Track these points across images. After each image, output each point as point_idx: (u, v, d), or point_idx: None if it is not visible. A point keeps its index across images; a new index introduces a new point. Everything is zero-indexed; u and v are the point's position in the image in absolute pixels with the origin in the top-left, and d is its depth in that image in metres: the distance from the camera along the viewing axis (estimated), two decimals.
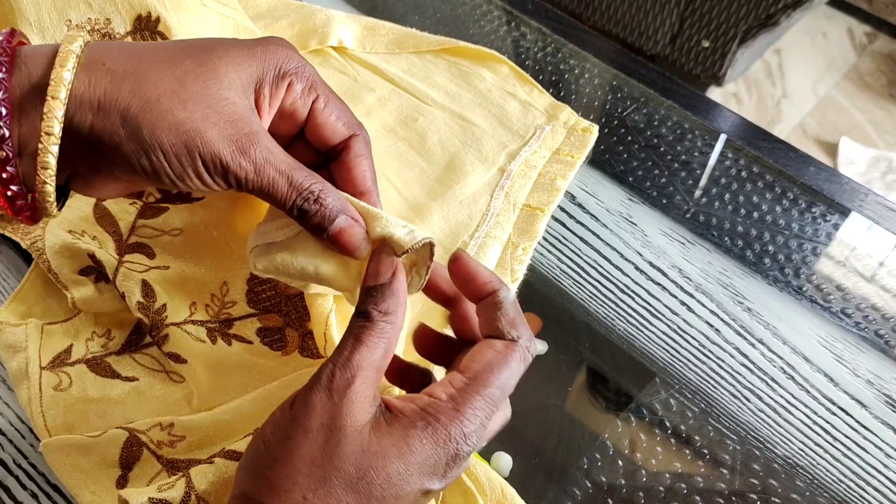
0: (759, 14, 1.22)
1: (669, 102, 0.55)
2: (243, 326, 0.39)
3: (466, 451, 0.28)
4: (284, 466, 0.26)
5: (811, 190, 0.50)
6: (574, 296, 0.44)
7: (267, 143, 0.29)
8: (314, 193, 0.30)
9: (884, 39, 1.84)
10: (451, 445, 0.27)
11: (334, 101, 0.33)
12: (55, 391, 0.38)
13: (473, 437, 0.28)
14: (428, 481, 0.27)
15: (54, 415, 0.37)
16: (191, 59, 0.29)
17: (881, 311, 0.44)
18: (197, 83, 0.28)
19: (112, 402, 0.38)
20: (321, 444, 0.26)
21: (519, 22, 0.61)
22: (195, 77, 0.28)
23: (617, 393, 0.41)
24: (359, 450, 0.26)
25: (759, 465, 0.38)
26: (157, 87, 0.27)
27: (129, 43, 0.31)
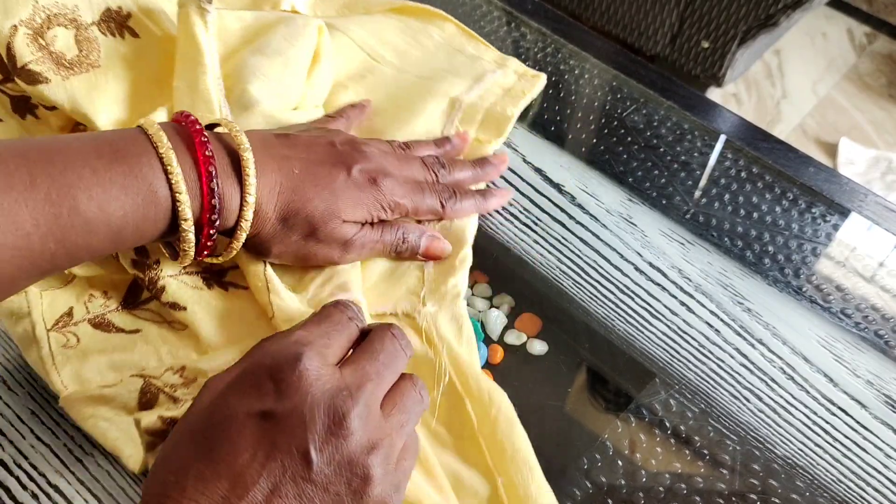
0: (758, 14, 1.22)
1: (669, 103, 0.55)
2: (237, 274, 0.41)
3: (290, 360, 0.29)
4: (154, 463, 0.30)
5: (811, 190, 0.50)
6: (574, 296, 0.44)
7: (361, 240, 0.40)
8: (400, 239, 0.42)
9: (883, 40, 1.84)
10: (267, 364, 0.29)
11: (421, 210, 0.43)
12: (65, 349, 0.38)
13: (296, 350, 0.30)
14: (255, 405, 0.28)
15: (68, 371, 0.38)
16: (321, 200, 0.39)
17: (881, 312, 0.44)
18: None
19: (121, 353, 0.39)
20: (177, 425, 0.30)
21: (519, 22, 0.61)
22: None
23: (617, 393, 0.41)
24: (193, 409, 0.30)
25: (759, 465, 0.38)
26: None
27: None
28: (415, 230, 0.42)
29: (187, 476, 0.27)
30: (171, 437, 0.30)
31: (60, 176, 0.31)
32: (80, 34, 0.42)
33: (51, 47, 0.41)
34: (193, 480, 0.27)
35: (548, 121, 0.54)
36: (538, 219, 0.48)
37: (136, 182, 0.33)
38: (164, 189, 0.34)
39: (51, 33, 0.41)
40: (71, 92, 0.42)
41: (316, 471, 0.27)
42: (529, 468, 0.35)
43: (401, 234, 0.42)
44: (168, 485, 0.27)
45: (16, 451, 0.37)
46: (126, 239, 0.34)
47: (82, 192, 0.32)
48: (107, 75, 0.43)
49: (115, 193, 0.33)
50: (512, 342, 0.42)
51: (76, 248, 0.33)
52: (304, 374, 0.29)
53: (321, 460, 0.28)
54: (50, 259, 0.32)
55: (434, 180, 0.44)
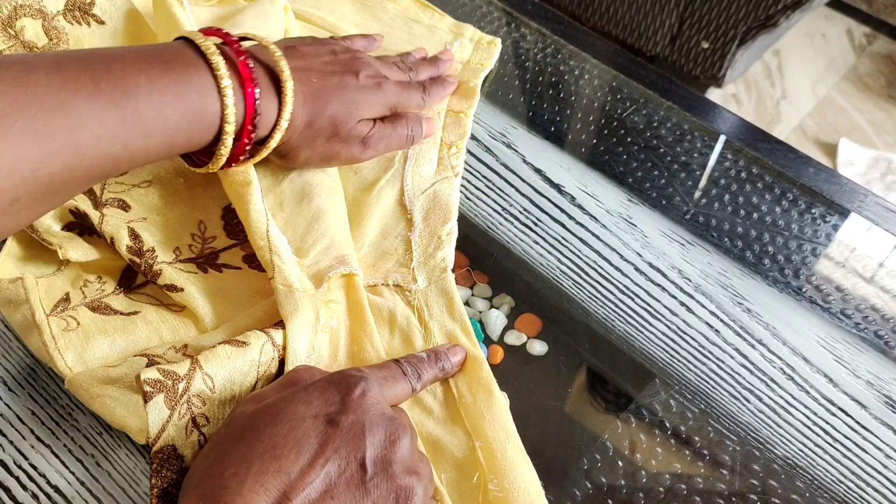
0: (758, 15, 1.22)
1: (669, 103, 0.55)
2: (229, 256, 0.43)
3: (355, 380, 0.32)
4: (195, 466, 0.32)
5: (810, 191, 0.50)
6: (574, 297, 0.44)
7: (377, 135, 0.45)
8: (409, 129, 0.47)
9: (883, 40, 1.84)
10: (336, 381, 0.32)
11: None
12: (66, 332, 0.39)
13: (361, 374, 0.33)
14: (321, 411, 0.31)
15: (72, 355, 0.38)
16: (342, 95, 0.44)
17: (881, 312, 0.44)
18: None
19: (122, 335, 0.39)
20: (219, 433, 0.32)
21: (519, 23, 0.61)
22: None
23: (617, 394, 0.41)
24: (245, 417, 0.31)
25: (759, 465, 0.38)
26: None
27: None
28: (414, 119, 0.47)
29: (249, 469, 0.28)
30: (221, 434, 0.31)
31: (120, 81, 0.34)
32: (47, 24, 0.43)
33: (21, 37, 0.42)
34: (255, 474, 0.28)
35: (548, 121, 0.54)
36: (538, 219, 0.48)
37: (188, 89, 0.36)
38: (213, 95, 0.36)
39: (19, 24, 0.42)
40: None
41: (369, 478, 0.30)
42: (507, 433, 0.37)
43: (410, 125, 0.47)
44: (226, 477, 0.28)
45: (16, 452, 0.37)
46: (178, 144, 0.37)
47: (142, 96, 0.34)
48: None
49: (170, 99, 0.35)
50: (512, 342, 0.42)
51: (137, 152, 0.35)
52: (367, 393, 0.32)
53: (374, 470, 0.30)
54: (114, 162, 0.34)
55: (410, 79, 0.50)
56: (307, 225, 0.43)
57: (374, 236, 0.45)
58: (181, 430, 0.34)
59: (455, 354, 0.39)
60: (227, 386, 0.35)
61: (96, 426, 0.38)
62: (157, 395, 0.33)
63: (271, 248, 0.40)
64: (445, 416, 0.38)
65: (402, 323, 0.42)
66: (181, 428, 0.34)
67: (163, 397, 0.33)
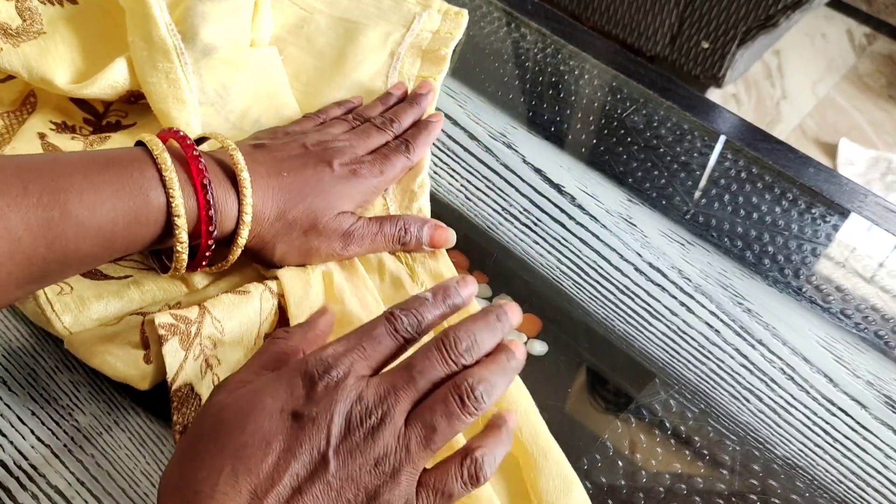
0: (758, 15, 1.22)
1: (669, 103, 0.55)
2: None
3: (319, 368, 0.31)
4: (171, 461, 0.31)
5: (810, 191, 0.50)
6: (574, 297, 0.44)
7: (360, 231, 0.42)
8: (402, 231, 0.43)
9: (883, 41, 1.84)
10: (303, 370, 0.31)
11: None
12: (60, 296, 0.39)
13: (328, 360, 0.31)
14: (287, 405, 0.30)
15: (68, 317, 0.39)
16: (316, 196, 0.41)
17: (881, 312, 0.44)
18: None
19: (116, 298, 0.40)
20: (193, 427, 0.31)
21: (518, 23, 0.61)
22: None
23: (617, 394, 0.41)
24: (215, 409, 0.31)
25: (759, 465, 0.38)
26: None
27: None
28: (416, 221, 0.44)
29: (221, 471, 0.28)
30: (194, 430, 0.31)
31: (52, 182, 0.33)
32: (21, 4, 0.44)
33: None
34: (226, 476, 0.28)
35: (548, 121, 0.54)
36: (538, 219, 0.48)
37: (128, 184, 0.34)
38: (158, 189, 0.35)
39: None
40: (24, 57, 0.43)
41: (332, 473, 0.29)
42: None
43: (401, 225, 0.43)
44: (199, 481, 0.28)
45: (16, 452, 0.37)
46: (117, 243, 0.35)
47: (73, 195, 0.33)
48: (55, 39, 0.45)
49: (106, 196, 0.34)
50: None
51: (67, 254, 0.33)
52: (330, 383, 0.31)
53: (336, 464, 0.29)
54: (41, 265, 0.33)
55: (391, 137, 0.47)
56: None
57: None
58: (196, 370, 0.36)
59: (466, 286, 0.36)
60: (235, 329, 0.37)
61: (96, 426, 0.38)
62: (171, 338, 0.35)
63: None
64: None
65: (391, 267, 0.43)
66: (196, 368, 0.36)
67: (177, 340, 0.35)
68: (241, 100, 0.48)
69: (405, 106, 0.50)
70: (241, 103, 0.48)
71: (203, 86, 0.46)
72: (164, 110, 0.44)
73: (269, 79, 0.50)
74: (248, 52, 0.49)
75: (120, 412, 0.39)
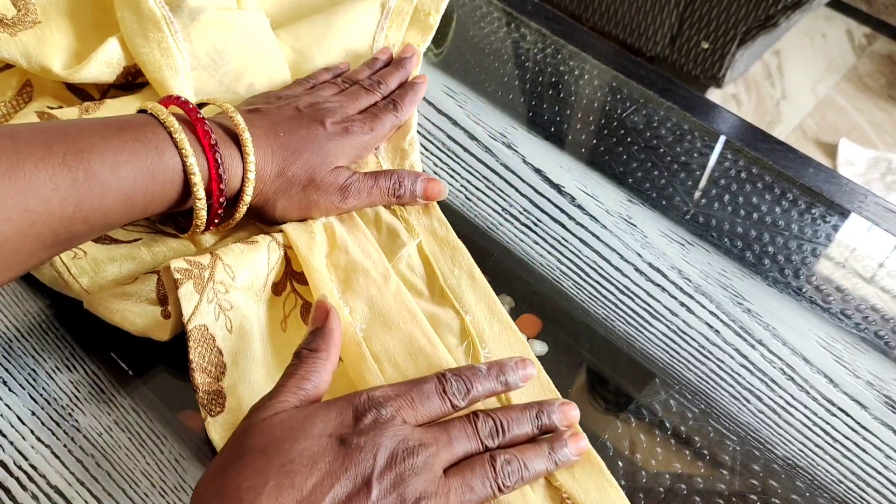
0: (758, 15, 1.22)
1: (669, 104, 0.55)
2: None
3: (369, 404, 0.32)
4: (209, 469, 0.32)
5: (810, 191, 0.50)
6: (574, 297, 0.44)
7: (357, 185, 0.44)
8: (396, 184, 0.45)
9: (883, 41, 1.84)
10: (354, 402, 0.33)
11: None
12: (75, 260, 0.41)
13: (379, 399, 0.33)
14: (335, 430, 0.31)
15: (85, 279, 0.41)
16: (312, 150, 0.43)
17: (881, 313, 0.44)
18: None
19: (129, 260, 0.42)
20: (236, 441, 0.32)
21: (519, 23, 0.61)
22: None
23: (617, 394, 0.41)
24: (264, 427, 0.31)
25: (759, 465, 0.38)
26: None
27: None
28: (409, 176, 0.46)
29: (265, 484, 0.29)
30: (239, 443, 0.31)
31: (74, 143, 0.34)
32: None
33: None
34: (270, 488, 0.29)
35: (548, 121, 0.54)
36: (538, 219, 0.48)
37: (143, 147, 0.36)
38: (171, 150, 0.37)
39: None
40: (23, 46, 0.44)
41: (372, 500, 0.30)
42: (491, 311, 0.42)
43: (395, 178, 0.45)
44: (243, 489, 0.29)
45: (16, 452, 0.37)
46: (137, 203, 0.37)
47: (96, 155, 0.35)
48: (50, 28, 0.46)
49: (125, 157, 0.35)
50: None
51: (92, 213, 0.35)
52: (378, 419, 0.32)
53: (380, 491, 0.30)
54: (68, 225, 0.34)
55: (379, 98, 0.49)
56: None
57: None
58: (210, 312, 0.38)
59: (523, 368, 0.37)
60: (245, 276, 0.39)
61: (96, 426, 0.38)
62: (186, 281, 0.37)
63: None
64: (437, 296, 0.43)
65: (387, 220, 0.45)
66: (210, 311, 0.38)
67: (192, 284, 0.37)
68: (235, 64, 0.49)
69: (391, 69, 0.52)
70: (234, 67, 0.49)
71: (195, 50, 0.47)
72: (160, 79, 0.45)
73: (260, 44, 0.51)
74: (237, 13, 0.50)
75: (120, 412, 0.39)
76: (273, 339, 0.40)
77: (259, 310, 0.40)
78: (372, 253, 0.43)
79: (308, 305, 0.42)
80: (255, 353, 0.39)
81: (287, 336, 0.41)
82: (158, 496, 0.36)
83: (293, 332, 0.41)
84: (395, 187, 0.45)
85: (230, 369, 0.38)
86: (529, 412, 0.36)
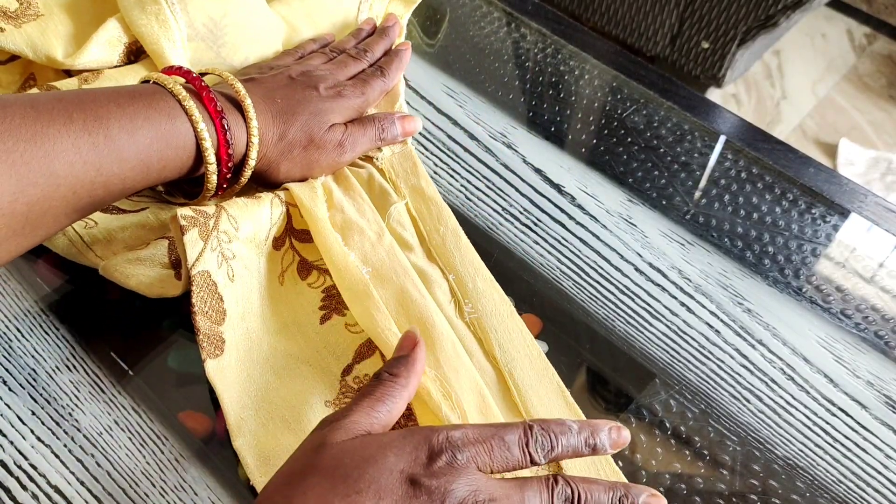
0: (758, 15, 1.22)
1: (669, 104, 0.55)
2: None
3: (446, 445, 0.31)
4: (275, 478, 0.31)
5: (811, 191, 0.50)
6: (574, 297, 0.44)
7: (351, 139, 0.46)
8: (380, 129, 0.48)
9: (883, 41, 1.84)
10: (431, 440, 0.31)
11: None
12: (87, 230, 0.43)
13: (457, 442, 0.32)
14: (407, 467, 0.30)
15: (99, 247, 0.42)
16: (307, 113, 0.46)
17: (881, 312, 0.44)
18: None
19: (137, 228, 0.44)
20: (306, 456, 0.31)
21: (519, 23, 0.61)
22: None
23: (617, 394, 0.41)
24: (336, 450, 0.31)
25: (759, 465, 0.38)
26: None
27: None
28: (386, 118, 0.49)
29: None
30: (307, 461, 0.31)
31: (92, 111, 0.36)
32: None
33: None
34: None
35: (548, 121, 0.54)
36: (538, 219, 0.48)
37: (157, 114, 0.38)
38: (182, 117, 0.39)
39: None
40: (28, 37, 0.46)
41: None
42: (475, 268, 0.44)
43: (378, 124, 0.48)
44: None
45: (16, 452, 0.37)
46: (153, 168, 0.38)
47: (114, 122, 0.36)
48: (53, 21, 0.47)
49: (140, 123, 0.37)
50: None
51: (111, 178, 0.36)
52: (454, 463, 0.31)
53: None
54: (90, 189, 0.36)
55: (367, 65, 0.52)
56: None
57: None
58: (213, 260, 0.39)
59: (617, 433, 0.35)
60: (249, 228, 0.41)
61: (96, 426, 0.38)
62: (191, 228, 0.38)
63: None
64: (425, 255, 0.45)
65: (378, 180, 0.47)
66: (213, 258, 0.39)
67: (196, 231, 0.38)
68: (232, 35, 0.50)
69: (375, 38, 0.55)
70: (231, 38, 0.50)
71: (192, 21, 0.48)
72: (158, 51, 0.46)
73: (256, 14, 0.52)
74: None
75: (120, 412, 0.39)
76: (271, 291, 0.42)
77: (259, 262, 0.42)
78: (367, 212, 0.45)
79: (305, 262, 0.44)
80: (253, 302, 0.41)
81: (284, 289, 0.43)
82: (158, 496, 0.36)
83: (290, 286, 0.43)
84: (379, 132, 0.48)
85: (230, 315, 0.39)
86: (614, 493, 0.33)
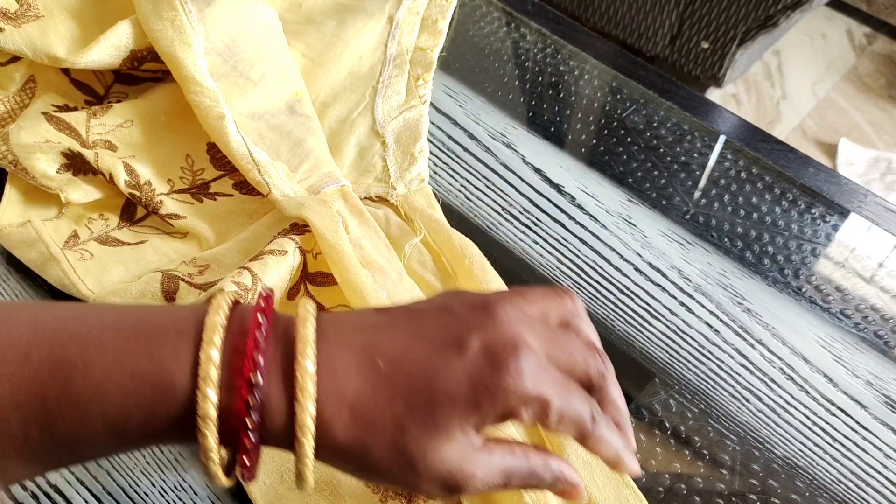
0: (758, 15, 1.22)
1: (669, 104, 0.55)
2: (219, 185, 0.46)
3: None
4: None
5: (810, 191, 0.50)
6: None
7: (480, 477, 0.26)
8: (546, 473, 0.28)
9: (883, 41, 1.85)
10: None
11: (567, 417, 0.27)
12: (82, 262, 0.42)
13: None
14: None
15: (91, 280, 0.41)
16: (414, 415, 0.26)
17: (880, 312, 0.44)
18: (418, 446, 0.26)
19: (135, 262, 0.43)
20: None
21: (518, 23, 0.61)
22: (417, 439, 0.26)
23: None
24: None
25: (759, 465, 0.38)
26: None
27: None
28: (553, 459, 0.28)
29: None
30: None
31: (60, 349, 0.25)
32: None
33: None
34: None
35: (548, 121, 0.54)
36: (538, 219, 0.48)
37: (151, 364, 0.25)
38: (184, 375, 0.25)
39: None
40: (28, 37, 0.45)
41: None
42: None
43: (537, 462, 0.28)
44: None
45: None
46: (131, 435, 0.26)
47: (78, 371, 0.25)
48: (54, 21, 0.46)
49: (119, 377, 0.25)
50: None
51: (68, 440, 0.25)
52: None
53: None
54: (38, 448, 0.25)
55: (590, 377, 0.29)
56: (290, 148, 0.46)
57: (353, 158, 0.49)
58: None
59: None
60: (277, 288, 0.40)
61: None
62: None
63: (259, 169, 0.43)
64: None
65: (393, 221, 0.46)
66: None
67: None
68: (248, 53, 0.49)
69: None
70: (249, 55, 0.49)
71: (209, 34, 0.47)
72: (171, 54, 0.45)
73: (273, 38, 0.51)
74: (253, 4, 0.50)
75: None
76: None
77: None
78: (384, 251, 0.43)
79: (321, 307, 0.40)
80: None
81: None
82: (158, 496, 0.36)
83: None
84: (528, 477, 0.28)
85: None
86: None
